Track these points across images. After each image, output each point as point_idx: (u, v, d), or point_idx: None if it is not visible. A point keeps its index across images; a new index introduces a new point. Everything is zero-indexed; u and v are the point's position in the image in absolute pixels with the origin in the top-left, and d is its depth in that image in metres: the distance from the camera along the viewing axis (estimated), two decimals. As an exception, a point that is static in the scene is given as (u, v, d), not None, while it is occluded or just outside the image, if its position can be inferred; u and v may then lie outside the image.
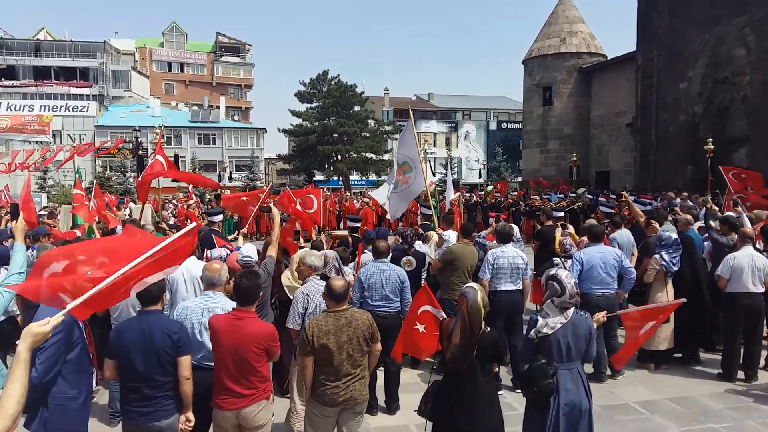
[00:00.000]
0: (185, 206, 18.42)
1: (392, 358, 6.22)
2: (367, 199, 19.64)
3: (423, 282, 7.00)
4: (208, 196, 28.97)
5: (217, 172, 51.56)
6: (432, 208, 10.01)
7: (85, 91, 54.58)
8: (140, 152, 23.39)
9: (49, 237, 8.19)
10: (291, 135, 53.06)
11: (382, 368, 6.38)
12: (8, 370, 2.33)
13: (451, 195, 13.94)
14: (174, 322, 4.06)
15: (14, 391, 2.24)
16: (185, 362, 3.86)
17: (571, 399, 4.04)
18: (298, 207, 9.32)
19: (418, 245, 7.94)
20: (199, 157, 50.41)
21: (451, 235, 8.33)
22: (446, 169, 24.30)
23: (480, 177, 57.60)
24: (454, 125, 64.27)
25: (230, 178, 51.79)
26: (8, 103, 49.39)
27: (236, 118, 65.01)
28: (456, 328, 3.95)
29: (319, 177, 50.15)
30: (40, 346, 3.68)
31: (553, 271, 4.25)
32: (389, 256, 6.57)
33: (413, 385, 6.87)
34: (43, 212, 14.23)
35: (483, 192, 25.93)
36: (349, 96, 49.99)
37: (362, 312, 4.46)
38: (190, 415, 3.94)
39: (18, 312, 6.46)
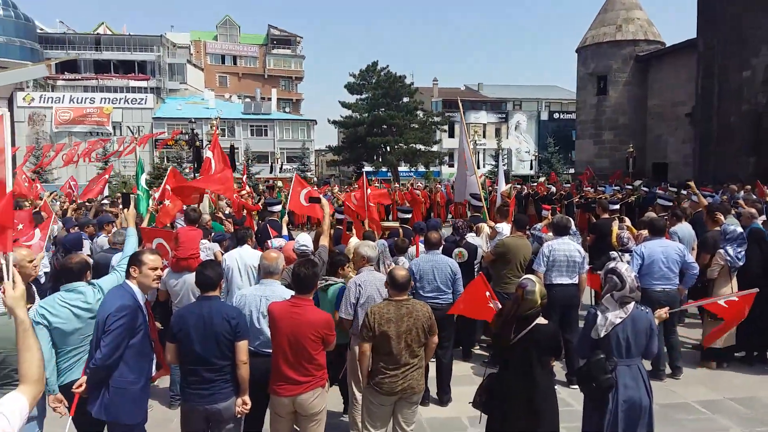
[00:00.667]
0: (239, 196, 18.77)
1: (443, 350, 6.21)
2: (417, 191, 19.58)
3: (479, 273, 6.91)
4: (261, 187, 29.53)
5: (269, 163, 52.43)
6: (483, 200, 9.90)
7: (143, 83, 56.33)
8: (197, 143, 23.94)
9: (113, 224, 8.52)
10: (340, 126, 53.42)
11: (434, 360, 6.38)
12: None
13: (503, 186, 13.74)
14: (232, 307, 4.15)
15: (32, 358, 2.31)
16: (242, 347, 3.93)
17: (631, 395, 3.94)
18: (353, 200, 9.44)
19: (470, 237, 7.87)
20: (252, 148, 51.35)
21: (504, 228, 8.23)
22: (496, 161, 23.96)
23: (531, 168, 56.66)
24: (504, 116, 63.34)
25: (281, 170, 52.56)
26: (71, 95, 51.42)
27: (287, 109, 65.87)
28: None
29: (368, 168, 50.34)
30: (105, 329, 3.85)
31: (612, 265, 4.15)
32: (441, 248, 6.53)
33: (465, 377, 6.84)
34: (105, 201, 14.82)
35: (535, 184, 25.49)
36: (398, 87, 49.90)
37: (423, 304, 4.48)
38: (247, 398, 4.02)
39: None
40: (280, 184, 31.86)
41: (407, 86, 50.78)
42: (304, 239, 5.94)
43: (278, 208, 10.03)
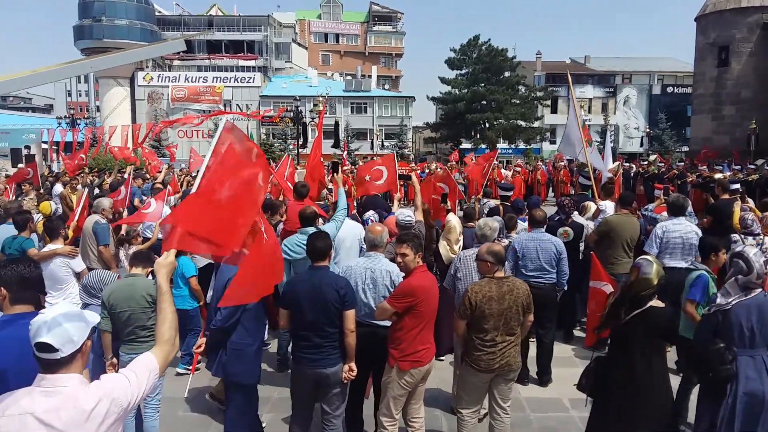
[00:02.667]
0: (342, 172, 19.21)
1: (545, 330, 6.11)
2: (518, 168, 19.15)
3: (591, 254, 6.69)
4: (360, 163, 30.02)
5: (369, 140, 53.09)
6: (591, 178, 9.54)
7: (251, 63, 58.58)
8: (304, 120, 24.75)
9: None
10: (439, 103, 52.98)
11: (534, 339, 6.31)
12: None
13: (610, 164, 13.17)
14: (341, 278, 4.29)
15: (166, 320, 2.50)
16: (350, 316, 4.08)
17: (752, 389, 3.71)
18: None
19: (576, 216, 7.63)
20: (352, 125, 52.18)
21: (609, 206, 7.93)
22: (603, 137, 22.89)
23: (641, 145, 53.52)
24: (612, 90, 60.06)
25: (382, 146, 53.06)
26: (186, 75, 54.49)
27: (386, 86, 66.19)
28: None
29: (466, 145, 49.73)
30: (224, 293, 4.13)
31: (739, 248, 3.89)
32: (545, 226, 6.39)
33: (566, 359, 6.70)
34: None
35: (645, 162, 24.13)
36: (500, 61, 48.63)
37: (522, 282, 4.47)
38: (353, 365, 4.17)
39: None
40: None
41: (509, 60, 49.38)
42: (407, 212, 6.05)
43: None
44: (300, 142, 27.99)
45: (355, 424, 4.79)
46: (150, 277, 4.76)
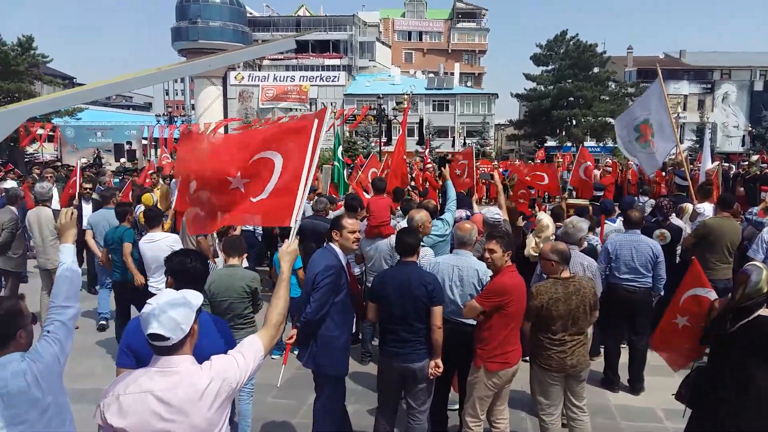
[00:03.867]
0: (420, 170, 19.24)
1: (638, 336, 5.88)
2: (609, 167, 18.46)
3: (693, 258, 6.36)
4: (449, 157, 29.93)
5: (450, 138, 52.82)
6: (688, 178, 9.08)
7: (336, 62, 59.72)
8: (388, 117, 25.02)
9: (316, 192, 9.33)
10: (523, 100, 51.86)
11: (626, 346, 6.10)
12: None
13: (708, 164, 12.46)
14: (429, 274, 4.31)
15: (278, 305, 2.62)
16: (437, 312, 4.09)
17: None
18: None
19: (673, 218, 7.29)
20: (433, 123, 52.07)
21: (706, 208, 7.54)
22: (700, 136, 21.65)
23: (743, 145, 50.08)
24: (709, 86, 56.57)
25: (464, 144, 52.64)
26: (274, 74, 56.28)
27: (469, 84, 65.56)
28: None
29: (551, 143, 48.40)
30: (314, 285, 4.25)
31: None
32: (640, 227, 6.14)
33: (661, 367, 6.33)
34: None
35: (746, 162, 22.60)
36: (588, 57, 46.91)
37: (588, 279, 4.43)
38: (440, 361, 4.18)
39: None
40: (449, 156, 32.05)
41: (598, 55, 47.55)
42: (495, 210, 6.01)
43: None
44: (384, 140, 28.21)
45: (440, 421, 4.81)
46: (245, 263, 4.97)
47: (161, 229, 6.57)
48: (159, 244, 6.15)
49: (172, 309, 2.21)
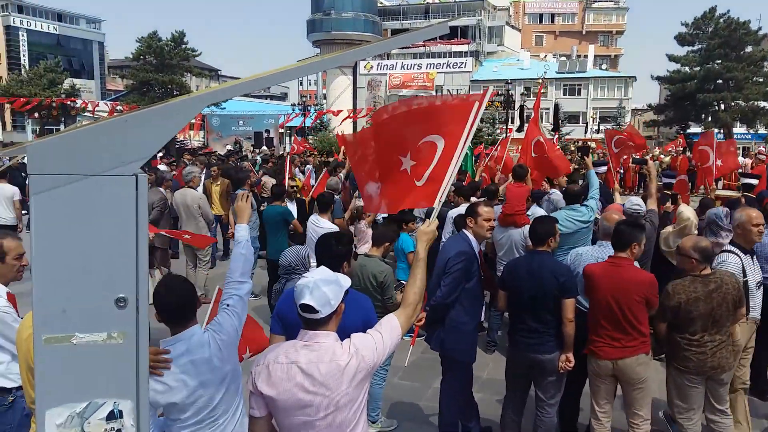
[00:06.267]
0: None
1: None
2: (762, 156, 16.79)
3: None
4: (572, 146, 28.77)
5: (583, 124, 50.51)
6: None
7: (464, 48, 59.11)
8: (521, 104, 24.46)
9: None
10: (665, 82, 48.13)
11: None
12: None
13: None
14: (563, 266, 4.24)
15: (414, 285, 2.65)
16: (569, 305, 4.00)
17: None
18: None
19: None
20: (564, 108, 50.04)
21: None
22: None
23: None
24: None
25: (598, 130, 50.07)
26: (402, 62, 56.91)
27: (604, 66, 62.09)
28: None
29: (694, 129, 44.63)
30: (446, 270, 4.32)
31: None
32: None
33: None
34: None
35: None
36: (741, 35, 42.44)
37: (730, 274, 4.08)
38: (570, 356, 4.09)
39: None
40: (593, 145, 30.59)
41: (752, 33, 42.88)
42: (637, 200, 5.76)
43: (603, 169, 9.61)
44: (516, 126, 27.62)
45: (571, 414, 4.72)
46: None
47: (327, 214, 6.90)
48: (320, 231, 6.44)
49: (325, 285, 2.34)
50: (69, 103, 33.03)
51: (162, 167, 14.42)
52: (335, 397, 2.30)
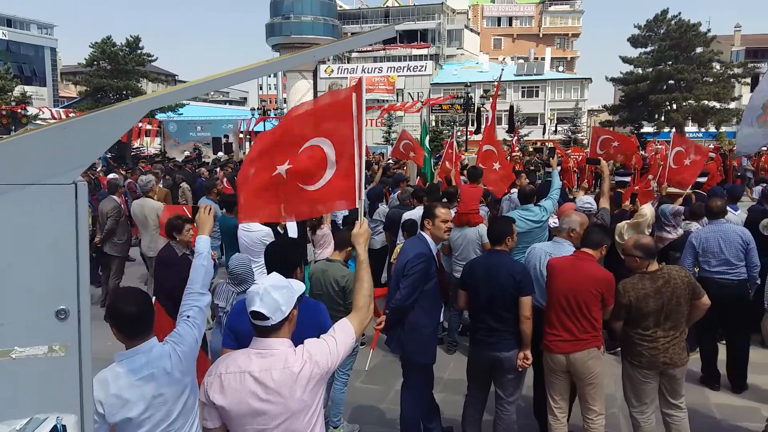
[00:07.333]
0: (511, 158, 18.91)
1: (735, 332, 5.61)
2: (712, 153, 17.39)
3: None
4: (530, 148, 29.30)
5: (540, 125, 51.46)
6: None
7: (424, 51, 59.61)
8: (478, 106, 24.78)
9: (406, 182, 9.44)
10: (619, 83, 49.44)
11: (724, 343, 5.81)
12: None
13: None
14: (519, 264, 4.31)
15: (362, 287, 2.66)
16: (525, 303, 4.07)
17: None
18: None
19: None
20: (522, 110, 50.92)
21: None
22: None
23: None
24: (832, 64, 51.59)
25: (555, 131, 51.08)
26: (362, 66, 57.02)
27: (561, 69, 63.43)
28: None
29: (647, 129, 45.96)
30: (405, 273, 4.34)
31: None
32: (726, 216, 5.79)
33: (764, 365, 6.03)
34: (390, 161, 16.35)
35: None
36: (691, 37, 43.89)
37: (679, 268, 4.18)
38: (528, 353, 4.16)
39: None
40: (551, 146, 31.22)
41: (702, 35, 44.42)
42: (588, 199, 5.89)
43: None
44: (472, 129, 28.01)
45: (539, 410, 4.77)
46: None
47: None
48: (252, 235, 6.42)
49: (275, 291, 2.32)
50: (20, 110, 32.04)
51: (112, 175, 14.09)
52: (289, 404, 2.28)
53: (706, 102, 43.32)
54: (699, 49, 44.54)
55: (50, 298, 1.43)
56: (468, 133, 27.99)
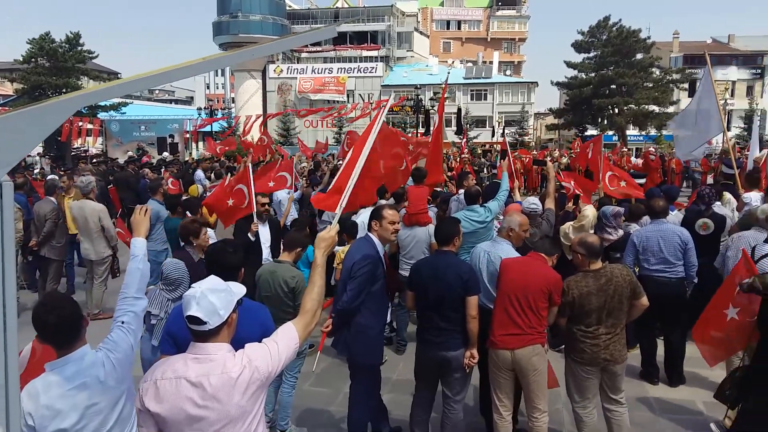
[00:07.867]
0: (461, 159, 19.15)
1: (673, 329, 5.81)
2: (652, 156, 18.05)
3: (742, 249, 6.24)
4: (479, 150, 29.74)
5: (490, 128, 52.26)
6: (734, 167, 8.85)
7: (374, 53, 59.69)
8: (428, 109, 25.02)
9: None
10: (564, 88, 50.88)
11: (663, 338, 6.02)
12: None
13: (756, 152, 12.07)
14: (466, 264, 4.33)
15: (312, 292, 2.58)
16: (472, 302, 4.10)
17: None
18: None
19: (717, 207, 7.11)
20: (472, 112, 51.65)
21: (754, 197, 7.32)
22: (749, 123, 20.98)
23: (795, 132, 48.14)
24: (759, 71, 54.46)
25: (503, 134, 51.97)
26: (312, 66, 56.64)
27: (508, 72, 64.67)
28: None
29: (591, 132, 47.41)
30: (351, 275, 4.31)
31: None
32: (668, 216, 6.02)
33: (701, 360, 6.27)
34: (340, 162, 16.28)
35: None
36: (632, 43, 45.64)
37: (621, 267, 4.31)
38: (475, 352, 4.19)
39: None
40: (497, 147, 31.78)
41: (642, 41, 46.20)
42: (534, 200, 5.99)
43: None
44: (424, 131, 28.25)
45: (485, 408, 4.81)
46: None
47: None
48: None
49: (212, 294, 2.25)
50: (-51, 108, 30.39)
51: (50, 176, 13.54)
52: (227, 409, 2.22)
53: (646, 106, 45.05)
54: (639, 55, 46.30)
55: (-31, 304, 1.34)
56: (418, 134, 28.18)
